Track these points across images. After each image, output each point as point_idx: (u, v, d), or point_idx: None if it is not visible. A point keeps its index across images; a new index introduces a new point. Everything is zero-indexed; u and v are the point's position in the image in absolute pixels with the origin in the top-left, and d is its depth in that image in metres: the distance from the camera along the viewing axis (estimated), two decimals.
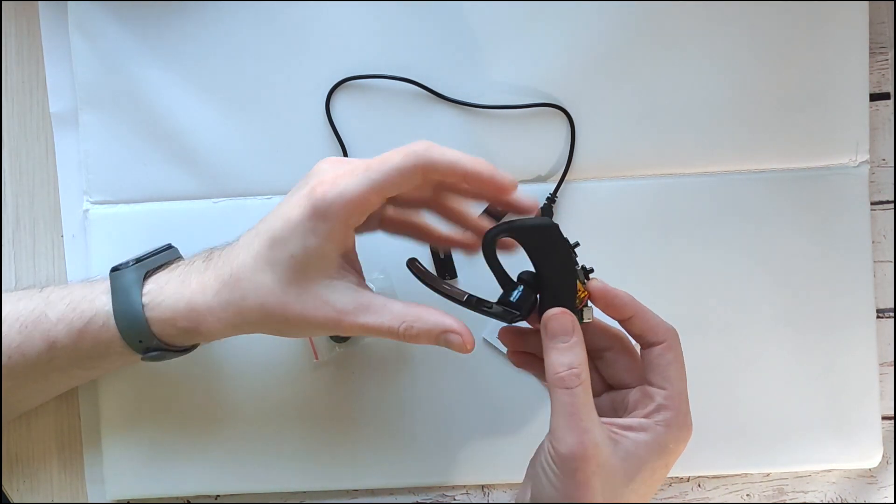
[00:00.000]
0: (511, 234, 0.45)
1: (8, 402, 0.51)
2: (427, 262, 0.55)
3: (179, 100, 0.55)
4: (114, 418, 0.55)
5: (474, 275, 0.54)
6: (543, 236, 0.44)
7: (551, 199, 0.54)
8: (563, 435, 0.41)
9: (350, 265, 0.45)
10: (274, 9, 0.55)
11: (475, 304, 0.45)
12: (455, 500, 0.56)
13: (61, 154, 0.56)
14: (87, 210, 0.56)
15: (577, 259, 0.45)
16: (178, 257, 0.50)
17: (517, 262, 0.45)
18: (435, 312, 0.44)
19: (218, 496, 0.56)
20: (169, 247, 0.51)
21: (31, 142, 0.57)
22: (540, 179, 0.55)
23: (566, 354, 0.43)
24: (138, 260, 0.48)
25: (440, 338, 0.44)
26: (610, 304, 0.45)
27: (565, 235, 0.44)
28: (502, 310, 0.45)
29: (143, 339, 0.47)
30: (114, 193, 0.56)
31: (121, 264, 0.48)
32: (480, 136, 0.55)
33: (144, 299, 0.46)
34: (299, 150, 0.55)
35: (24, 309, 0.48)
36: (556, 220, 0.55)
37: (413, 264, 0.47)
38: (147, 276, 0.48)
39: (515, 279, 0.45)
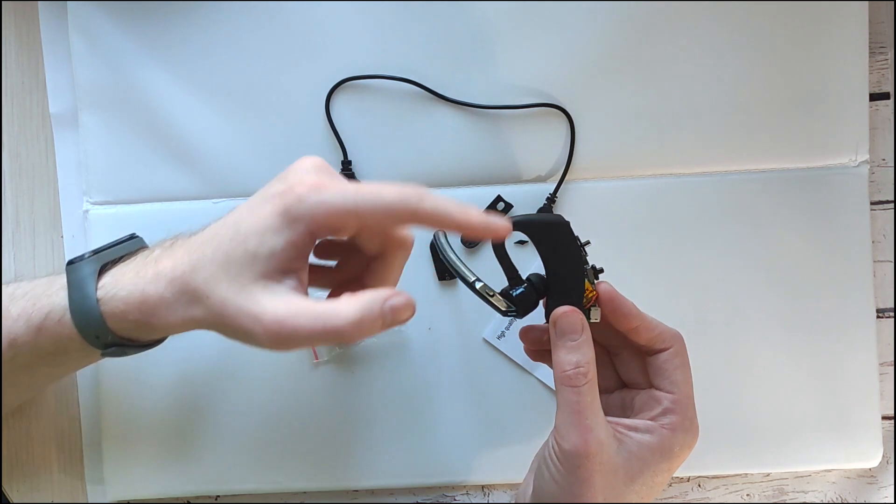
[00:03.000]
0: (521, 228, 0.44)
1: None
2: (427, 263, 0.55)
3: (179, 100, 0.55)
4: (114, 418, 0.55)
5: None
6: (554, 233, 0.44)
7: (551, 199, 0.54)
8: (567, 432, 0.42)
9: (298, 277, 0.41)
10: (274, 9, 0.55)
11: (478, 287, 0.45)
12: (455, 500, 0.56)
13: (61, 155, 0.56)
14: (87, 211, 0.56)
15: (588, 258, 0.45)
16: (142, 247, 0.46)
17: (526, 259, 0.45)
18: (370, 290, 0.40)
19: (218, 496, 0.56)
20: (132, 236, 0.47)
21: (30, 142, 0.57)
22: (540, 179, 0.55)
23: (574, 353, 0.43)
24: (96, 251, 0.45)
25: (390, 305, 0.39)
26: (615, 310, 0.44)
27: (576, 234, 0.45)
28: (502, 301, 0.45)
29: (100, 335, 0.43)
30: (114, 194, 0.56)
31: (77, 257, 0.45)
32: (480, 136, 0.55)
33: (99, 293, 0.43)
34: (299, 150, 0.55)
35: None
36: None
37: (436, 239, 0.47)
38: (105, 268, 0.44)
39: (525, 278, 0.45)
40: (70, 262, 0.45)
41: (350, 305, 0.39)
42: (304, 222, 0.39)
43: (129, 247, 0.46)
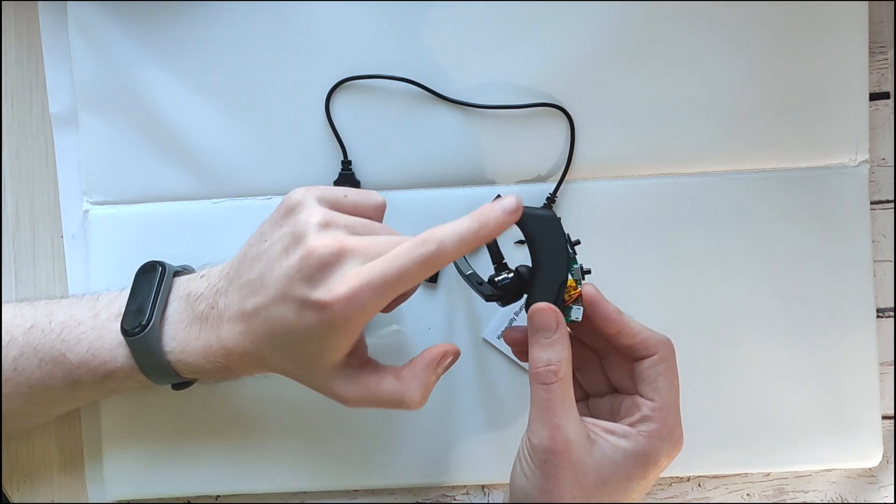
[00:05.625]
0: None
1: (29, 421, 0.53)
2: None
3: (179, 100, 0.55)
4: (114, 418, 0.55)
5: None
6: (544, 227, 0.45)
7: (551, 199, 0.55)
8: (536, 428, 0.43)
9: (358, 350, 0.46)
10: (274, 9, 0.55)
11: (467, 274, 0.47)
12: (455, 500, 0.56)
13: (61, 154, 0.56)
14: (87, 211, 0.56)
15: (577, 258, 0.46)
16: (170, 282, 0.48)
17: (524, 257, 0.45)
18: (423, 357, 0.46)
19: (218, 496, 0.56)
20: (152, 268, 0.48)
21: (31, 142, 0.57)
22: (540, 179, 0.55)
23: (547, 350, 0.43)
24: (140, 308, 0.46)
25: (443, 366, 0.46)
26: (595, 313, 0.45)
27: (567, 233, 0.45)
28: (486, 287, 0.47)
29: (176, 382, 0.48)
30: (114, 194, 0.56)
31: (134, 327, 0.46)
32: (480, 136, 0.55)
33: (170, 356, 0.46)
34: (299, 150, 0.55)
35: (39, 344, 0.47)
36: None
37: None
38: (160, 320, 0.46)
39: (514, 268, 0.46)
40: (126, 333, 0.46)
41: (413, 386, 0.45)
42: (352, 327, 0.42)
43: (164, 291, 0.47)
